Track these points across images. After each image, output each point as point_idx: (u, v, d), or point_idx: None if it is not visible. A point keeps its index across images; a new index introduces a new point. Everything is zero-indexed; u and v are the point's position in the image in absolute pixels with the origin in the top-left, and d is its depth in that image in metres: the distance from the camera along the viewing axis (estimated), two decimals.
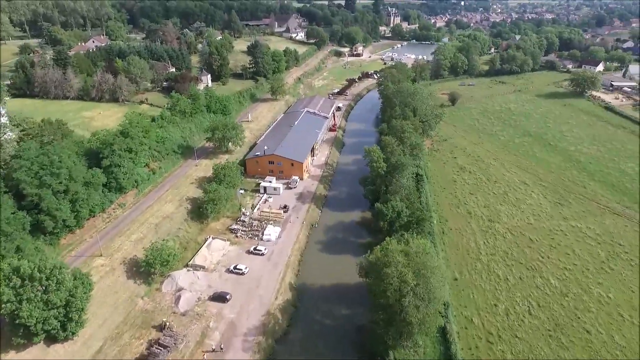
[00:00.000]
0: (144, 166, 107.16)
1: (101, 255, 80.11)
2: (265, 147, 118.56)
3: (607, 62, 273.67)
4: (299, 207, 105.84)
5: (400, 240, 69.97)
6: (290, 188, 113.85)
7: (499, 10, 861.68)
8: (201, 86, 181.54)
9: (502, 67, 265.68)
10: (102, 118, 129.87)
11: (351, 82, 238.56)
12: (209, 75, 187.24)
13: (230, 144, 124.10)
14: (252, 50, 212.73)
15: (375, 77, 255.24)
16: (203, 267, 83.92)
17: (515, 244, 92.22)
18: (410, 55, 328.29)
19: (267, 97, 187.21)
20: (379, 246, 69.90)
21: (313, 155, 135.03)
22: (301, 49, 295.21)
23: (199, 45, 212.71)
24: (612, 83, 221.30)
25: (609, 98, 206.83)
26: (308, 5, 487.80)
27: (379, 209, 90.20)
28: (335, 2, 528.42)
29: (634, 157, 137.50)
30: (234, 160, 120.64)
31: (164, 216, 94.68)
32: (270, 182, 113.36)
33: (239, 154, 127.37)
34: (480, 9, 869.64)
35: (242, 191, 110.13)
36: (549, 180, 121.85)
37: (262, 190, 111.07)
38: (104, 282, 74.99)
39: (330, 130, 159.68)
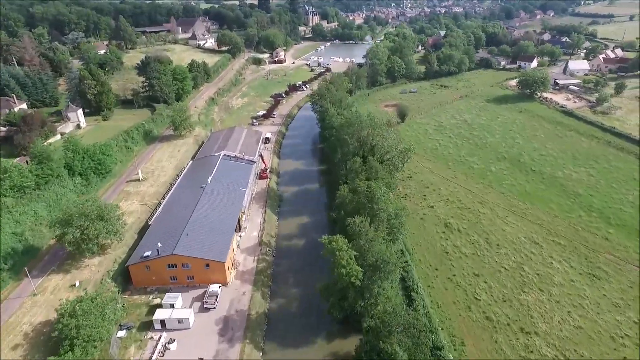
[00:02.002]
0: None
1: None
2: (159, 244, 72.87)
3: (540, 58, 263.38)
4: (225, 353, 62.64)
5: None
6: (208, 309, 69.93)
7: (410, 5, 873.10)
8: (67, 128, 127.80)
9: (441, 68, 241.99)
10: None
11: (277, 98, 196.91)
12: (80, 111, 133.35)
13: (101, 237, 75.90)
14: (143, 68, 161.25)
15: (305, 88, 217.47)
16: None
17: None
18: (337, 59, 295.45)
19: (169, 134, 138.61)
20: None
21: (240, 230, 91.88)
22: (212, 59, 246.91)
23: (70, 65, 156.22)
24: (557, 81, 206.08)
25: (560, 99, 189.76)
26: (217, 6, 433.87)
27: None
28: (248, 2, 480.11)
29: (631, 179, 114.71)
30: (109, 269, 73.57)
31: None
32: (172, 304, 68.43)
33: (119, 251, 79.71)
34: (393, 4, 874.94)
35: (123, 332, 64.05)
36: (559, 231, 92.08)
37: (157, 325, 65.78)
38: None
39: (261, 177, 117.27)
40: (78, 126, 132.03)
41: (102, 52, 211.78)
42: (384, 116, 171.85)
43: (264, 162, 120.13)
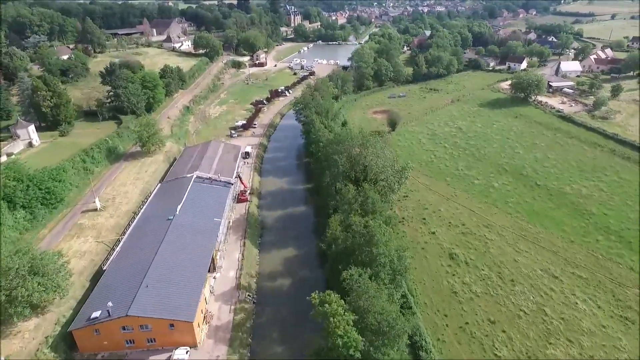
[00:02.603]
0: None
1: None
2: (110, 304, 59.02)
3: (530, 58, 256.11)
4: None
5: None
6: None
7: (392, 5, 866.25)
8: (16, 148, 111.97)
9: (429, 70, 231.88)
10: None
11: (259, 105, 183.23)
12: (31, 127, 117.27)
13: (35, 298, 60.89)
14: (107, 76, 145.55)
15: (288, 94, 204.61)
16: None
17: None
18: (321, 61, 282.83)
19: (137, 151, 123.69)
20: None
21: (214, 270, 78.49)
22: (188, 63, 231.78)
23: (21, 74, 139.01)
24: (551, 84, 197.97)
25: (555, 102, 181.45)
26: (194, 6, 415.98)
27: None
28: (227, 2, 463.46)
29: None
30: (48, 334, 59.36)
31: None
32: None
33: (63, 307, 65.01)
34: (375, 3, 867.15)
35: None
36: (578, 260, 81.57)
37: None
38: None
39: (239, 200, 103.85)
40: (30, 144, 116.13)
41: (66, 57, 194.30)
42: (373, 124, 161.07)
43: (242, 183, 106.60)
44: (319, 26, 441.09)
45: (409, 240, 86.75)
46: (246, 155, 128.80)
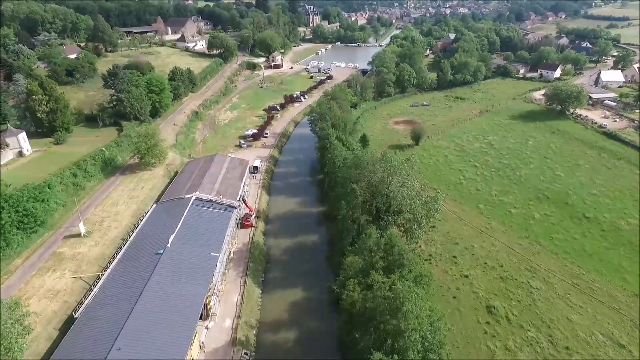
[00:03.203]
0: None
1: None
2: None
3: (564, 66, 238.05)
4: None
5: None
6: None
7: (413, 5, 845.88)
8: (5, 157, 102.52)
9: (455, 77, 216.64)
10: None
11: (272, 113, 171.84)
12: (22, 134, 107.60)
13: None
14: (109, 80, 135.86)
15: (303, 99, 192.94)
16: None
17: None
18: (339, 64, 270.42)
19: (136, 163, 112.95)
20: None
21: (207, 318, 66.61)
22: (201, 64, 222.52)
23: (16, 76, 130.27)
24: (591, 95, 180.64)
25: (596, 116, 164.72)
26: (212, 5, 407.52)
27: None
28: (245, 1, 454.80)
29: None
30: None
31: None
32: None
33: None
34: (396, 4, 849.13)
35: None
36: None
37: None
38: None
39: (243, 226, 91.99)
40: (20, 154, 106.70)
41: (74, 56, 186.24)
42: (394, 137, 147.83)
43: (247, 206, 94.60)
44: (338, 27, 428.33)
45: (438, 285, 73.55)
46: (254, 170, 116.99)
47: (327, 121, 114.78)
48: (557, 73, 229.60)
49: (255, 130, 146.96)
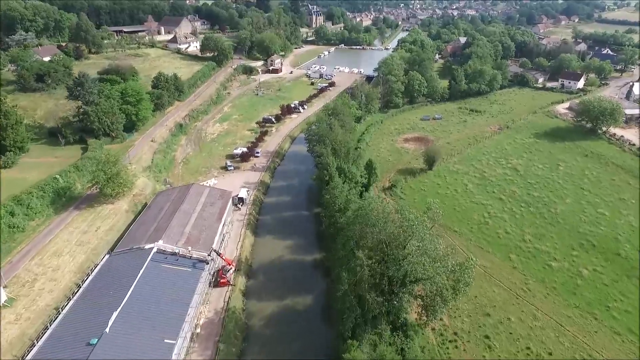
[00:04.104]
0: None
1: None
2: None
3: (587, 75, 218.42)
4: None
5: None
6: None
7: (419, 6, 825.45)
8: None
9: (469, 86, 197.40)
10: None
11: (265, 125, 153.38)
12: None
13: None
14: (75, 90, 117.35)
15: (302, 110, 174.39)
16: None
17: None
18: (343, 69, 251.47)
19: (96, 194, 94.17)
20: None
21: None
22: (192, 69, 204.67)
23: None
24: (625, 112, 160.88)
25: (632, 136, 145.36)
26: (209, 3, 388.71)
27: None
28: (245, 0, 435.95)
29: None
30: None
31: None
32: None
33: None
34: (402, 4, 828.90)
35: None
36: None
37: None
38: None
39: (219, 284, 73.13)
40: None
41: (46, 58, 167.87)
42: (404, 158, 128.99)
43: (224, 259, 75.66)
44: (342, 28, 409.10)
45: None
46: (239, 201, 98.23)
47: (326, 146, 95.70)
48: (581, 83, 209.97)
49: (245, 149, 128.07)
